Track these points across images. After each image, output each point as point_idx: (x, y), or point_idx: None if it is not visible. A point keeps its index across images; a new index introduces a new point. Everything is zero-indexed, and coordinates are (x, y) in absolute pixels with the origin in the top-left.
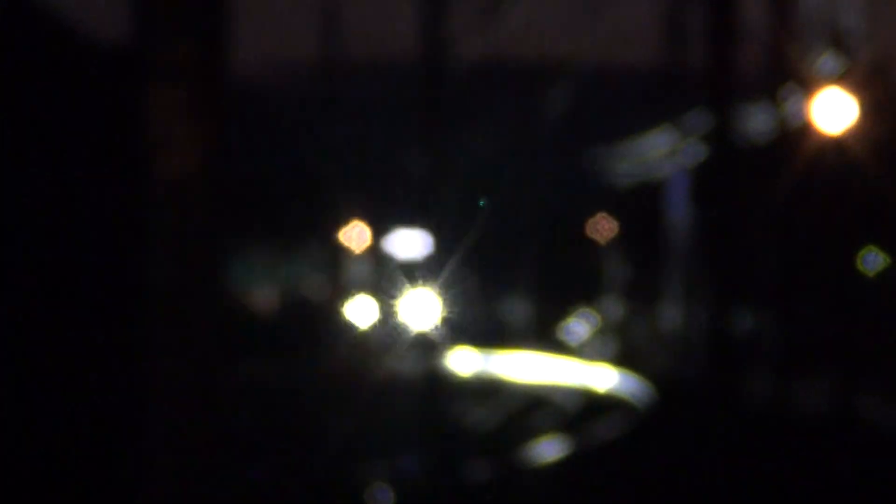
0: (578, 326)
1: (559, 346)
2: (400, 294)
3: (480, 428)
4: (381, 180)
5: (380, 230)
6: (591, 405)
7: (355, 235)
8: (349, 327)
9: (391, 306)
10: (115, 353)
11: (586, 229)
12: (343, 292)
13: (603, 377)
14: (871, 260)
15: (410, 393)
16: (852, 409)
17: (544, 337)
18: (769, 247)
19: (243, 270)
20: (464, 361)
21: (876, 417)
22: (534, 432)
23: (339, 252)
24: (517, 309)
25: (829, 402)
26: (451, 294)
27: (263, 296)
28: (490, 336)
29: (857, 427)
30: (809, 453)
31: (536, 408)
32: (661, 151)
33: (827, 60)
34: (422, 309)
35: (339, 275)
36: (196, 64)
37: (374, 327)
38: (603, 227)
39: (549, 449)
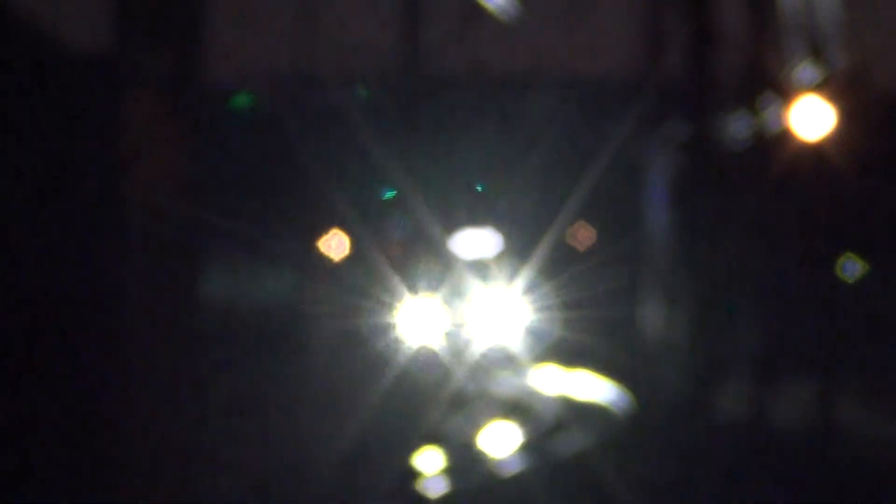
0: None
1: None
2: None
3: (454, 438)
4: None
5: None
6: (570, 413)
7: (334, 244)
8: (366, 337)
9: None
10: (91, 359)
11: (566, 237)
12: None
13: (582, 385)
14: (850, 268)
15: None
16: (831, 418)
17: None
18: (748, 255)
19: (227, 278)
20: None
21: (855, 427)
22: (511, 440)
23: (322, 259)
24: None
25: (808, 411)
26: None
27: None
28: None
29: (836, 436)
30: (785, 463)
31: (514, 414)
32: (640, 159)
33: (805, 68)
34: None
35: (331, 280)
36: (174, 71)
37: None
38: (582, 235)
39: (523, 457)
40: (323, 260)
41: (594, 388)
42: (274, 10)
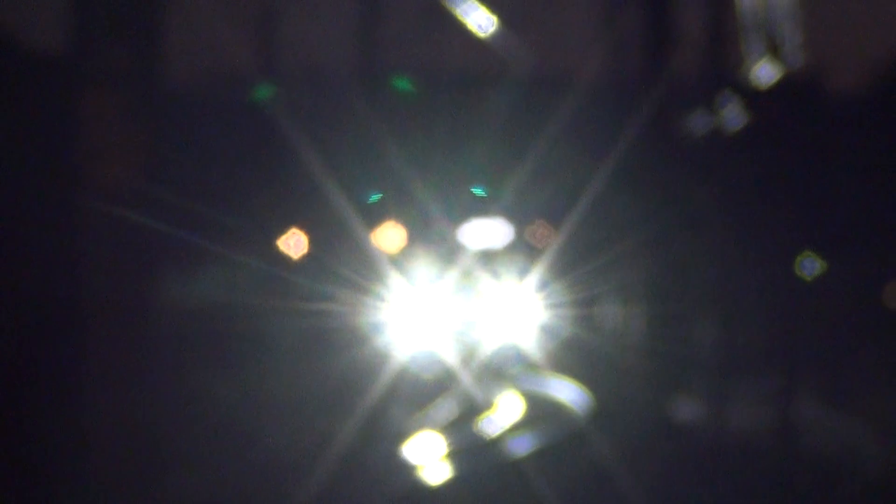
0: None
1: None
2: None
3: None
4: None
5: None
6: (530, 412)
7: (293, 243)
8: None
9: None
10: (49, 361)
11: (526, 236)
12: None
13: (544, 384)
14: (809, 266)
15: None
16: (790, 420)
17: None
18: (707, 254)
19: (186, 279)
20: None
21: (814, 428)
22: (474, 437)
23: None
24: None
25: (767, 412)
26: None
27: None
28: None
29: (793, 438)
30: (742, 465)
31: (476, 412)
32: (599, 157)
33: (763, 68)
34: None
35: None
36: (131, 70)
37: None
38: (541, 234)
39: (485, 454)
40: (314, 257)
41: (556, 387)
42: (232, 8)
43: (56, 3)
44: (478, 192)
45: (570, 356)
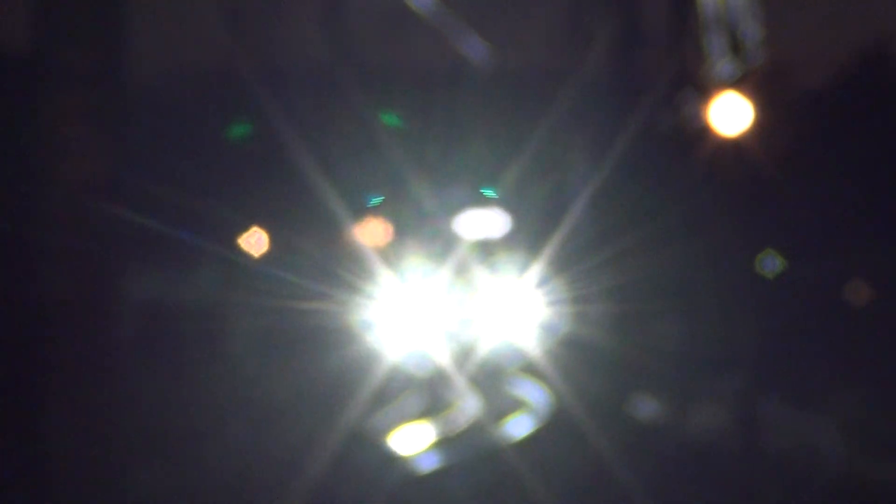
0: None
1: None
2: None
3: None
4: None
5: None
6: (490, 410)
7: (254, 242)
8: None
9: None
10: (11, 361)
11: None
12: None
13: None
14: (770, 263)
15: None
16: (752, 417)
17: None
18: (669, 250)
19: (164, 278)
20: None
21: (777, 426)
22: (433, 433)
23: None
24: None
25: (729, 409)
26: None
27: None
28: None
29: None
30: (702, 462)
31: (439, 409)
32: (562, 153)
33: (726, 65)
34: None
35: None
36: (95, 70)
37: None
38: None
39: (445, 450)
40: (296, 255)
41: (515, 386)
42: (197, 7)
43: (20, 3)
44: (487, 192)
45: (568, 354)
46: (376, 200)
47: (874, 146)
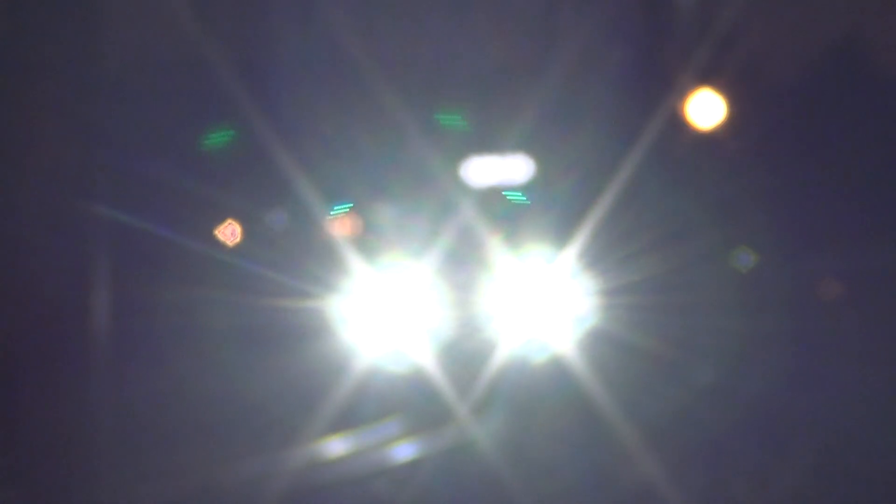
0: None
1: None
2: None
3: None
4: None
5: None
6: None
7: (228, 233)
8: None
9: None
10: None
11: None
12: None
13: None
14: (744, 258)
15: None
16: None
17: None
18: (647, 244)
19: (137, 273)
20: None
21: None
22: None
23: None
24: None
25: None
26: None
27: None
28: None
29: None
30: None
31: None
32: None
33: (701, 61)
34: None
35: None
36: (66, 58)
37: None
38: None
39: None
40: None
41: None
42: None
43: None
44: (515, 196)
45: (593, 346)
46: (341, 208)
47: (845, 139)
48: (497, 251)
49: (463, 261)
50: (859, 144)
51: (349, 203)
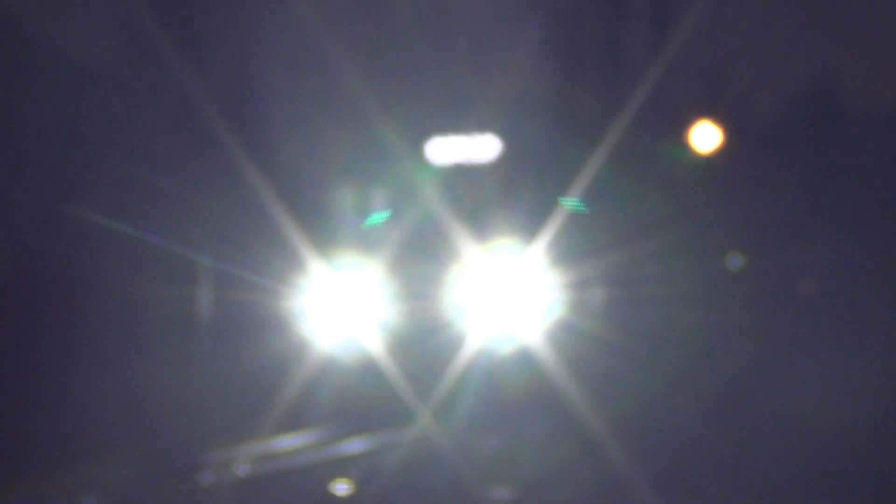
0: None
1: None
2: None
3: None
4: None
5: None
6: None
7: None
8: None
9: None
10: None
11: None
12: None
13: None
14: (735, 261)
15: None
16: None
17: None
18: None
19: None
20: None
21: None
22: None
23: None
24: None
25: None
26: None
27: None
28: None
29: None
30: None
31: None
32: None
33: (699, 93)
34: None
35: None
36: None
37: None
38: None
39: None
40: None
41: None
42: None
43: None
44: (574, 205)
45: (562, 337)
46: (380, 217)
47: (819, 164)
48: (465, 244)
49: (430, 254)
50: (831, 167)
51: (387, 212)
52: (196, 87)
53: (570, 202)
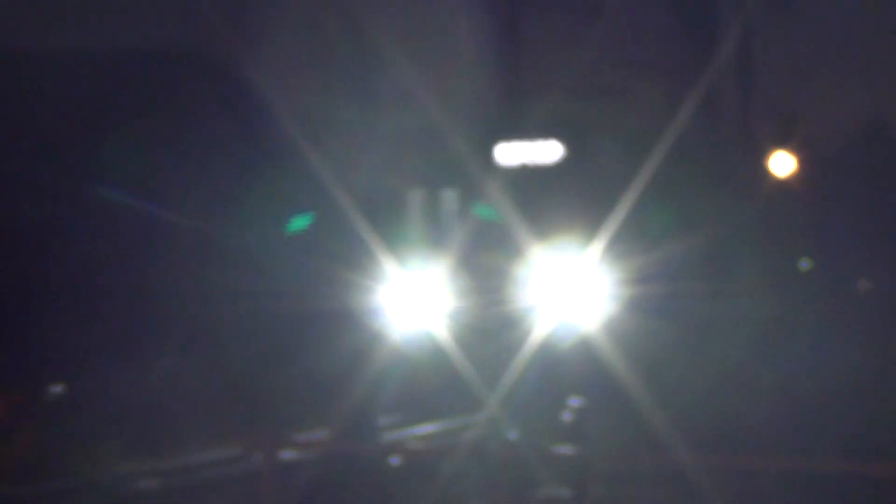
0: None
1: None
2: None
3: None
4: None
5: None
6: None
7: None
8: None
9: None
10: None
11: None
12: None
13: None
14: (804, 264)
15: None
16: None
17: None
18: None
19: (160, 262)
20: None
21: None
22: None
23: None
24: None
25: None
26: None
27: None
28: None
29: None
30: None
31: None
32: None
33: (778, 126)
34: None
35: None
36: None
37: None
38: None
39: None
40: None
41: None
42: None
43: None
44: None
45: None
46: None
47: (874, 185)
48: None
49: (497, 252)
50: (883, 188)
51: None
52: (282, 106)
53: (657, 212)
